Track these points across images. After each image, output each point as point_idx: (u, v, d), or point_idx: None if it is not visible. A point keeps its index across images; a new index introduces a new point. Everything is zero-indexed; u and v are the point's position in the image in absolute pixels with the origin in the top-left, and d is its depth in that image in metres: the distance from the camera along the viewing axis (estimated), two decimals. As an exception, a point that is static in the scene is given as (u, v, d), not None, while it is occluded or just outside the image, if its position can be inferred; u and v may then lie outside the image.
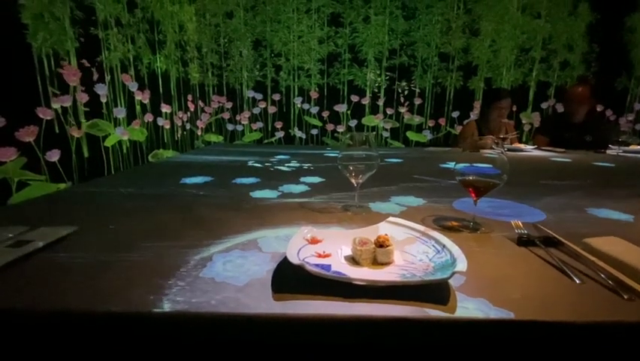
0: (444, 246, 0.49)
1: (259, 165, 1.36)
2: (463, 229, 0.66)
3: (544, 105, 3.59)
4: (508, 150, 2.01)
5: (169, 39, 2.86)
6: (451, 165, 1.47)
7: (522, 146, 2.22)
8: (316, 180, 1.10)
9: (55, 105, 1.82)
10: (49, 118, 1.77)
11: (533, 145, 2.33)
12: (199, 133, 3.51)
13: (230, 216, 0.72)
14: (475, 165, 0.64)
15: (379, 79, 3.53)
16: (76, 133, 1.96)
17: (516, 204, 0.85)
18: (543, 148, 2.22)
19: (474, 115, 3.51)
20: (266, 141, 3.70)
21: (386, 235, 0.50)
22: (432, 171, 1.35)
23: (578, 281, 0.46)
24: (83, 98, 2.00)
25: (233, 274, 0.46)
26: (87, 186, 1.02)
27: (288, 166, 1.35)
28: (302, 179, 1.11)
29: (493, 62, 3.49)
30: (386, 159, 1.58)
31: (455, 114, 3.63)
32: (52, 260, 0.50)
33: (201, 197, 0.88)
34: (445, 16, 3.43)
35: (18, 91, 1.66)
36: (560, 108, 3.45)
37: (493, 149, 0.63)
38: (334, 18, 3.44)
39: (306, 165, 1.37)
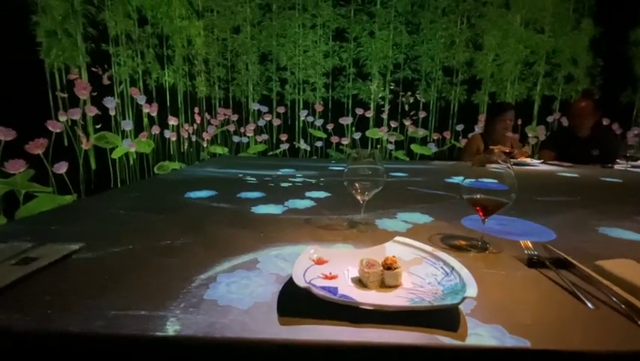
0: (453, 268, 0.48)
1: (264, 179, 1.36)
2: (471, 249, 0.65)
3: (549, 119, 3.58)
4: (514, 164, 2.00)
5: (177, 53, 2.92)
6: (456, 179, 1.46)
7: (528, 160, 2.21)
8: (322, 194, 1.10)
9: (64, 118, 1.85)
10: (58, 131, 1.80)
11: (539, 159, 2.31)
12: (205, 145, 3.54)
13: (234, 233, 0.72)
14: (481, 180, 0.64)
15: (383, 91, 3.56)
16: (84, 145, 1.98)
17: (525, 222, 0.84)
18: (549, 162, 2.20)
19: (478, 128, 3.51)
20: (270, 153, 3.72)
21: (394, 256, 0.49)
22: (438, 185, 1.34)
23: (591, 306, 0.44)
24: (92, 111, 2.03)
25: (238, 296, 0.45)
26: (94, 200, 1.02)
27: (292, 180, 1.35)
28: (307, 194, 1.10)
29: (497, 75, 3.50)
30: (391, 173, 1.57)
31: (459, 127, 3.63)
32: (55, 278, 0.50)
33: (206, 212, 0.88)
34: (448, 31, 3.47)
35: (29, 105, 1.70)
36: (565, 122, 3.45)
37: (500, 163, 0.62)
38: (339, 33, 3.49)
39: (311, 179, 1.37)
